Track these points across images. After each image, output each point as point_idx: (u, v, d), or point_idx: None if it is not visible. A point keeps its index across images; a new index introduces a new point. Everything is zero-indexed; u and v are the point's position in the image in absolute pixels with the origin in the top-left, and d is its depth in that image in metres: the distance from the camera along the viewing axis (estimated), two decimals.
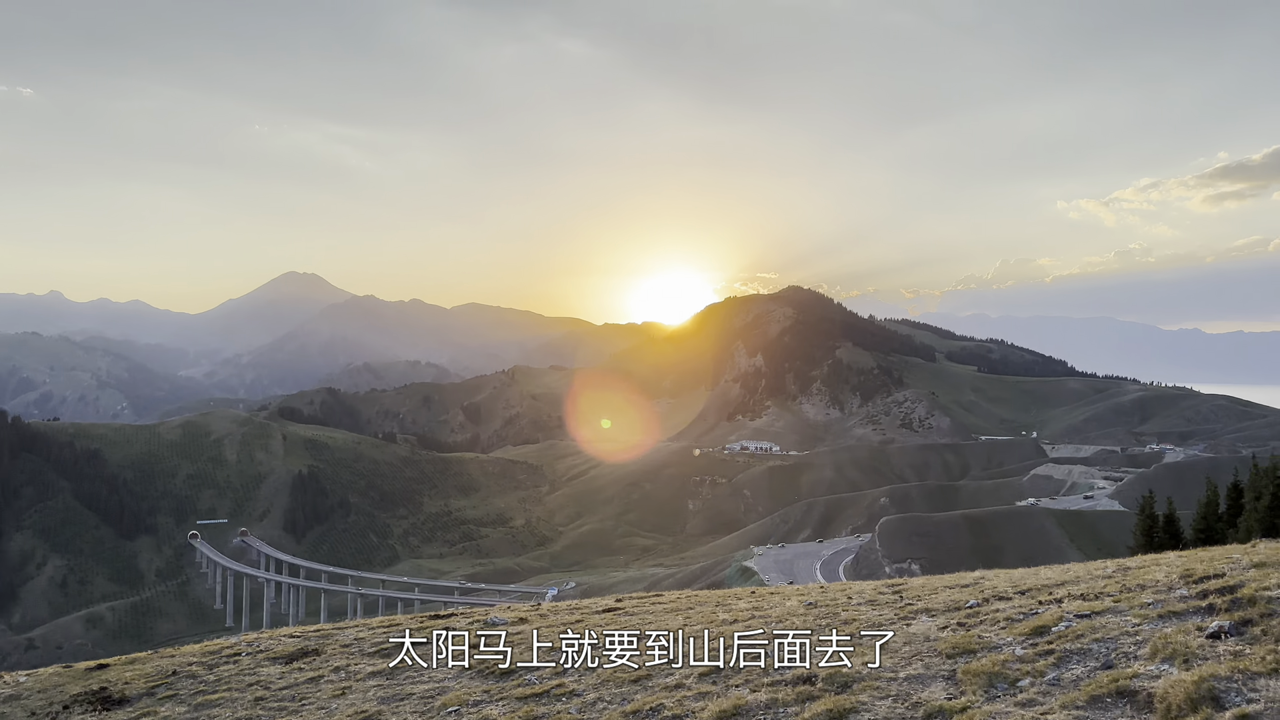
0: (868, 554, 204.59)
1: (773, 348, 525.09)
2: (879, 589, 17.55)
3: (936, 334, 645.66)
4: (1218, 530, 73.95)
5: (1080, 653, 8.42)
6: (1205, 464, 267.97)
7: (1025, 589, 13.14)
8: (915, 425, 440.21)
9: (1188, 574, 10.99)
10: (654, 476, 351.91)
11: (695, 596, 21.79)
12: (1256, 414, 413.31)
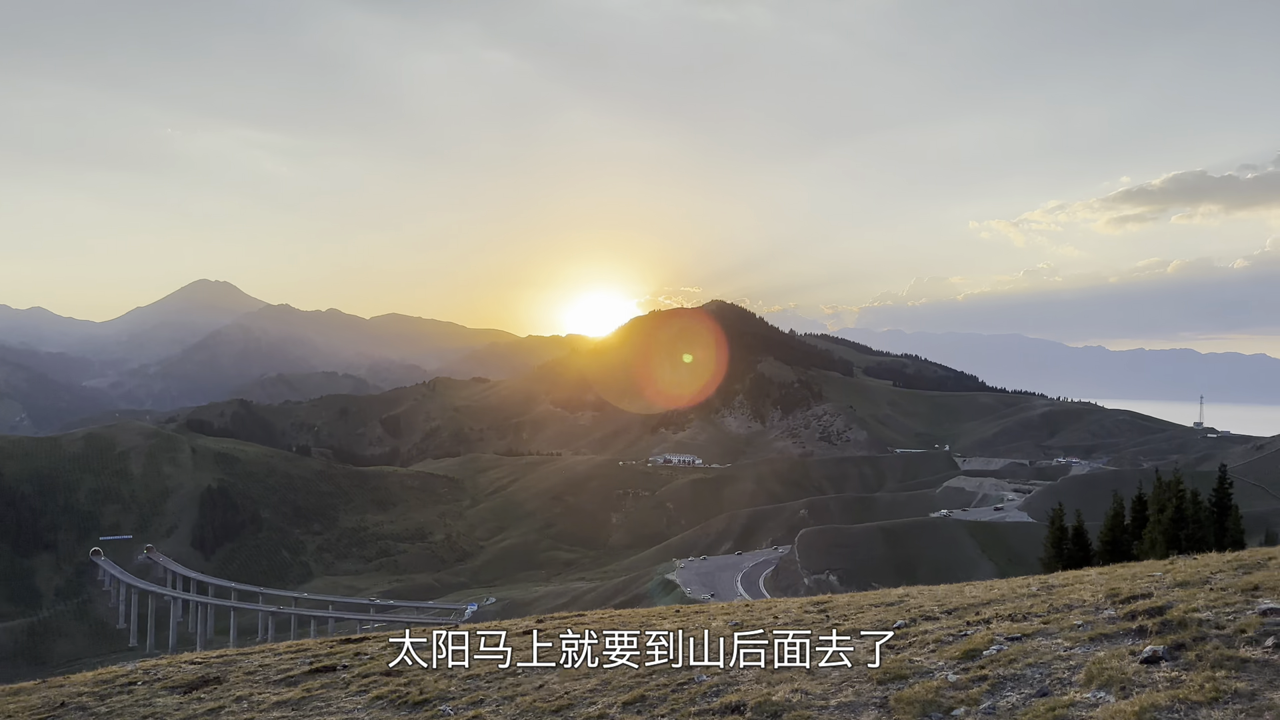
0: (787, 565, 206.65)
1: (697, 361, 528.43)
2: (805, 607, 17.32)
3: (855, 349, 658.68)
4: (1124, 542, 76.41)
5: (1014, 679, 8.22)
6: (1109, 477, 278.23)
7: (952, 608, 13.02)
8: (834, 438, 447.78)
9: (1113, 593, 10.95)
10: (577, 489, 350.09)
11: (619, 616, 21.31)
12: (1156, 428, 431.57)
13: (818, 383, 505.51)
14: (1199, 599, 9.27)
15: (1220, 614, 8.40)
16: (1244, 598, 8.84)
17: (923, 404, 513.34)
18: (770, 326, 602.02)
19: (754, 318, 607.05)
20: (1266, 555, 11.53)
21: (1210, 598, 9.18)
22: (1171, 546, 63.67)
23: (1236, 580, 9.97)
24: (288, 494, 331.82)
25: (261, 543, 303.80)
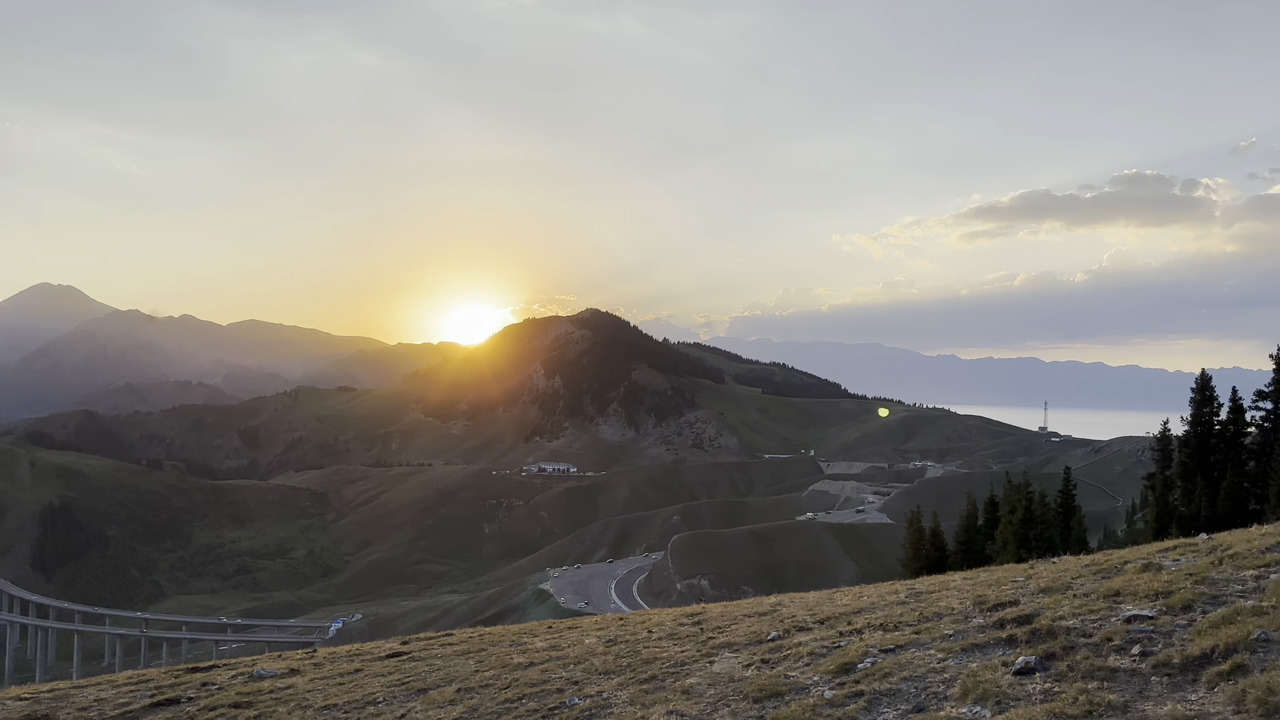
0: (660, 571, 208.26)
1: (571, 369, 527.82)
2: (679, 620, 17.07)
3: (726, 357, 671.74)
4: (977, 542, 79.89)
5: (890, 694, 8.07)
6: (962, 479, 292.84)
7: (824, 618, 12.96)
8: (706, 445, 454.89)
9: (981, 601, 11.06)
10: (449, 500, 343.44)
11: (489, 635, 20.57)
12: (1005, 433, 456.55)
13: (690, 390, 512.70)
14: (1064, 606, 9.39)
15: (1086, 622, 8.50)
16: (1107, 604, 9.00)
17: (790, 411, 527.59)
18: (644, 335, 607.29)
19: (628, 326, 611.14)
20: (1121, 559, 11.91)
21: (1075, 605, 9.32)
22: (1021, 546, 66.91)
23: (1097, 586, 10.19)
24: (137, 510, 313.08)
25: (108, 562, 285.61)
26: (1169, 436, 78.32)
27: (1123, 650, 7.43)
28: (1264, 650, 6.38)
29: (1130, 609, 8.53)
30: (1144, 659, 7.05)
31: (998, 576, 13.97)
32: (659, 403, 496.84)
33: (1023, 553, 64.11)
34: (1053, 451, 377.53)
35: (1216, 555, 10.13)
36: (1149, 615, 8.11)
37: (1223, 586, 8.51)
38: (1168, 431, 78.61)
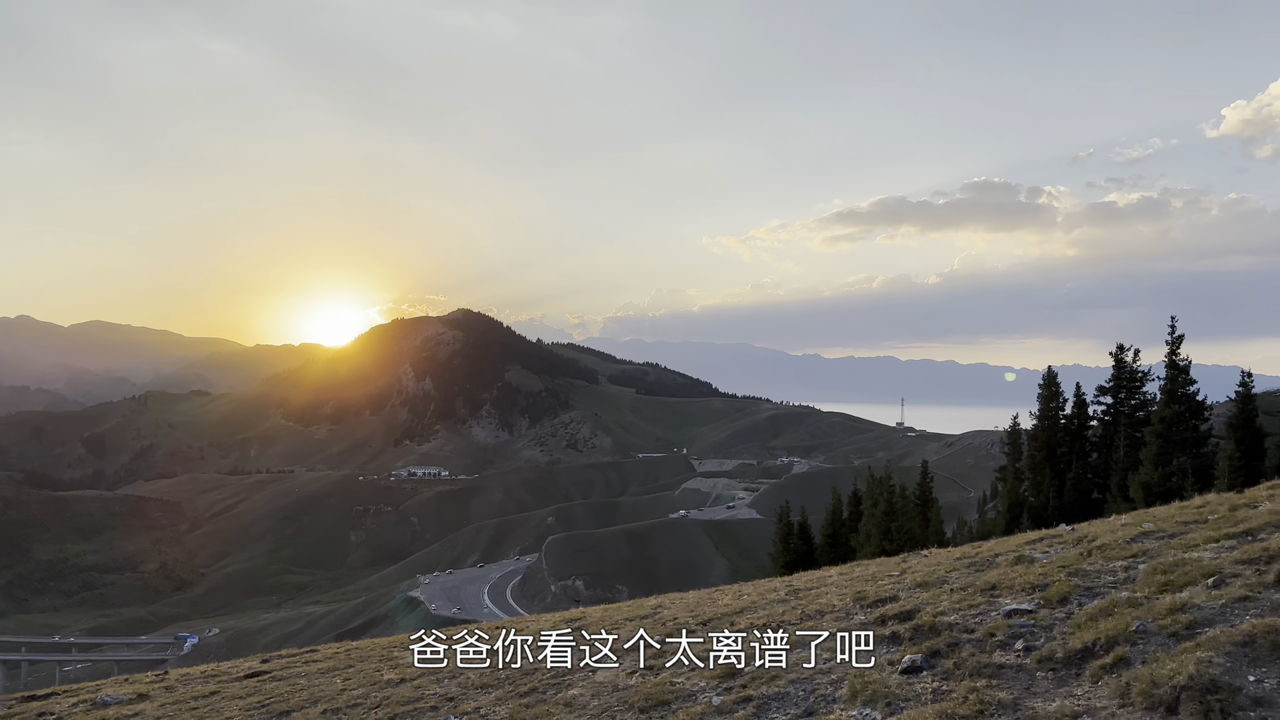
0: (535, 574, 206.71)
1: (442, 371, 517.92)
2: (558, 626, 16.63)
3: (599, 358, 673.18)
4: (843, 535, 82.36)
5: (779, 698, 7.91)
6: (826, 474, 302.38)
7: (707, 619, 12.80)
8: (580, 445, 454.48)
9: (860, 597, 11.09)
10: (313, 508, 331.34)
11: (357, 650, 19.61)
12: (866, 429, 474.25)
13: (565, 391, 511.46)
14: (944, 601, 9.47)
15: (967, 617, 8.56)
16: (986, 599, 9.11)
17: (662, 410, 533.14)
18: (517, 336, 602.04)
19: (501, 327, 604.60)
20: (992, 552, 12.19)
21: (954, 600, 9.40)
22: (884, 538, 69.18)
23: (973, 580, 10.34)
24: None
25: None
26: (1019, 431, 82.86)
27: (1006, 646, 7.47)
28: (1143, 642, 6.48)
29: (1009, 603, 8.64)
30: (1028, 654, 7.09)
31: (872, 571, 14.14)
32: (533, 404, 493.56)
33: (885, 544, 66.45)
34: (909, 446, 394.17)
35: (1084, 547, 10.44)
36: (1028, 609, 8.22)
37: (1095, 578, 8.72)
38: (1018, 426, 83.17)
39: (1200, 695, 5.34)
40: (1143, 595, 7.51)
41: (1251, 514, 9.42)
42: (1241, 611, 6.52)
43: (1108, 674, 6.23)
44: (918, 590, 10.66)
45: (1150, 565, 8.32)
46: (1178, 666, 5.69)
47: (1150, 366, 70.73)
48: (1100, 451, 73.63)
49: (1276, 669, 5.52)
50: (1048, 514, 68.82)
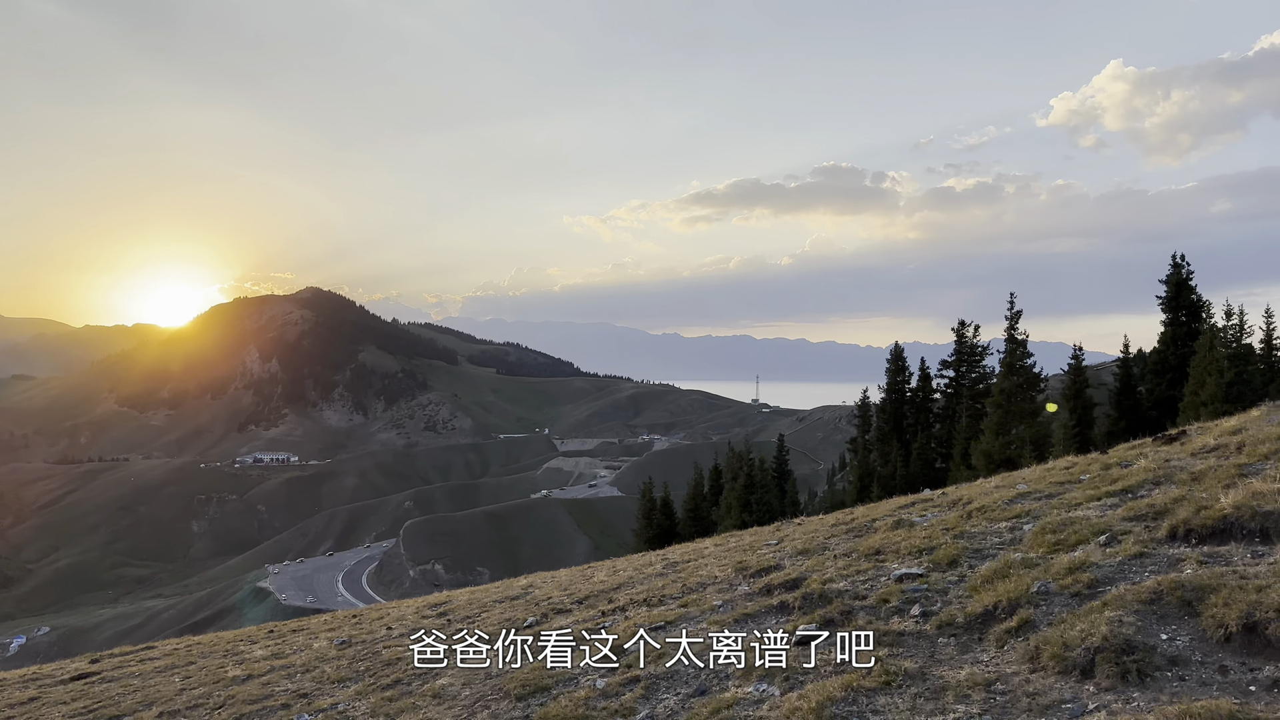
0: (392, 559, 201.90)
1: (290, 352, 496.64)
2: (422, 612, 15.71)
3: (459, 338, 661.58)
4: (704, 509, 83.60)
5: (669, 677, 7.40)
6: (686, 450, 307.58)
7: (582, 597, 12.22)
8: (439, 427, 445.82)
9: (742, 567, 10.75)
10: (151, 498, 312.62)
11: (199, 645, 18.10)
12: (723, 405, 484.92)
13: (422, 372, 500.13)
14: (829, 568, 9.19)
15: (857, 583, 8.29)
16: (872, 564, 8.87)
17: (524, 390, 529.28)
18: (372, 315, 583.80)
19: (354, 306, 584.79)
20: (869, 517, 12.09)
21: (840, 566, 9.14)
22: (744, 510, 70.49)
23: (855, 545, 10.14)
24: None
25: None
26: (868, 404, 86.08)
27: (902, 612, 7.19)
28: (1046, 603, 6.29)
29: (898, 568, 8.41)
30: (926, 620, 6.82)
31: (749, 541, 13.90)
32: (389, 385, 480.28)
33: (745, 516, 67.89)
34: (764, 421, 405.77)
35: (961, 509, 10.40)
36: (919, 573, 8.00)
37: (981, 540, 8.61)
38: (867, 400, 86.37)
39: (1115, 656, 5.12)
40: (1036, 555, 7.38)
41: (1125, 472, 9.55)
42: (1140, 569, 6.42)
43: (1013, 638, 5.99)
44: (800, 558, 10.39)
45: (1037, 525, 8.24)
46: (1088, 627, 5.48)
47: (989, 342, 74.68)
48: (943, 422, 77.31)
49: (1187, 626, 5.38)
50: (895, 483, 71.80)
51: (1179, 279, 53.75)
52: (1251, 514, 6.39)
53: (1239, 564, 5.90)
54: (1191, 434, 11.01)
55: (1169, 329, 54.30)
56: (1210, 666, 4.96)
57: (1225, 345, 42.58)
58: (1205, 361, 42.23)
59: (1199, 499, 7.21)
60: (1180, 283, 53.74)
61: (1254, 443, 8.80)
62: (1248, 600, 5.10)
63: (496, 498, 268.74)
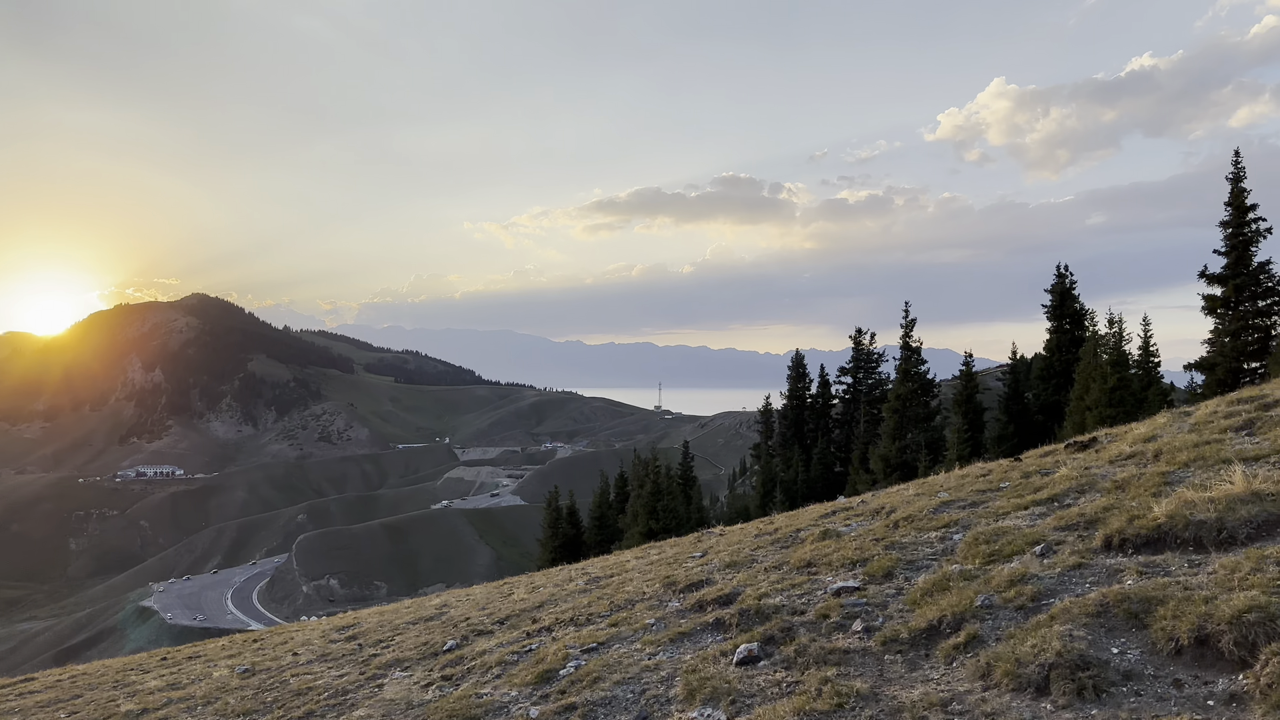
0: (284, 575, 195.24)
1: (175, 361, 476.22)
2: (329, 635, 14.99)
3: (355, 345, 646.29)
4: (610, 517, 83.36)
5: (606, 703, 7.11)
6: (589, 458, 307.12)
7: (504, 617, 11.82)
8: (334, 438, 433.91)
9: (670, 582, 10.55)
10: (24, 514, 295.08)
11: (85, 676, 16.90)
12: (627, 412, 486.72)
13: (316, 381, 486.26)
14: (762, 582, 9.06)
15: (793, 598, 8.16)
16: (806, 577, 8.77)
17: (424, 399, 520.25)
18: (262, 323, 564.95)
19: (243, 313, 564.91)
20: (793, 528, 12.04)
21: (773, 580, 9.01)
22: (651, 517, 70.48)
23: (784, 557, 10.05)
24: None
25: None
26: (771, 410, 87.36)
27: (844, 628, 7.09)
28: (991, 617, 6.26)
29: (834, 581, 8.33)
30: (870, 636, 6.73)
31: (671, 554, 13.71)
32: (280, 395, 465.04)
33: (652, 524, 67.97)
34: (666, 428, 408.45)
35: (886, 518, 10.42)
36: (856, 586, 7.92)
37: (913, 551, 8.60)
38: (770, 406, 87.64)
39: (1070, 673, 5.09)
40: (973, 567, 7.37)
41: (1047, 480, 9.70)
42: (1080, 580, 6.45)
43: (962, 654, 5.93)
44: (729, 571, 10.25)
45: (969, 535, 8.27)
46: (1040, 643, 5.45)
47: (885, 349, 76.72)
48: (842, 428, 79.10)
49: (1136, 639, 5.39)
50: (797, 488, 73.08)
51: (1063, 288, 56.20)
52: (1185, 523, 6.52)
53: (1179, 574, 5.98)
54: (1103, 441, 11.33)
55: (1054, 336, 56.73)
56: (1164, 680, 4.97)
57: (1107, 351, 44.62)
58: (1089, 367, 44.16)
59: (1130, 508, 7.34)
60: (1064, 292, 56.20)
61: (1171, 450, 9.06)
62: (1197, 613, 5.15)
63: (395, 509, 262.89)
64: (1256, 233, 37.18)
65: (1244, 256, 37.36)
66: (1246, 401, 10.58)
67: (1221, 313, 38.25)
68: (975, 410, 56.10)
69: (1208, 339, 39.13)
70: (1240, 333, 37.11)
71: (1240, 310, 37.31)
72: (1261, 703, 4.47)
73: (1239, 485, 6.75)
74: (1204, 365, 38.94)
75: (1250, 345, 37.07)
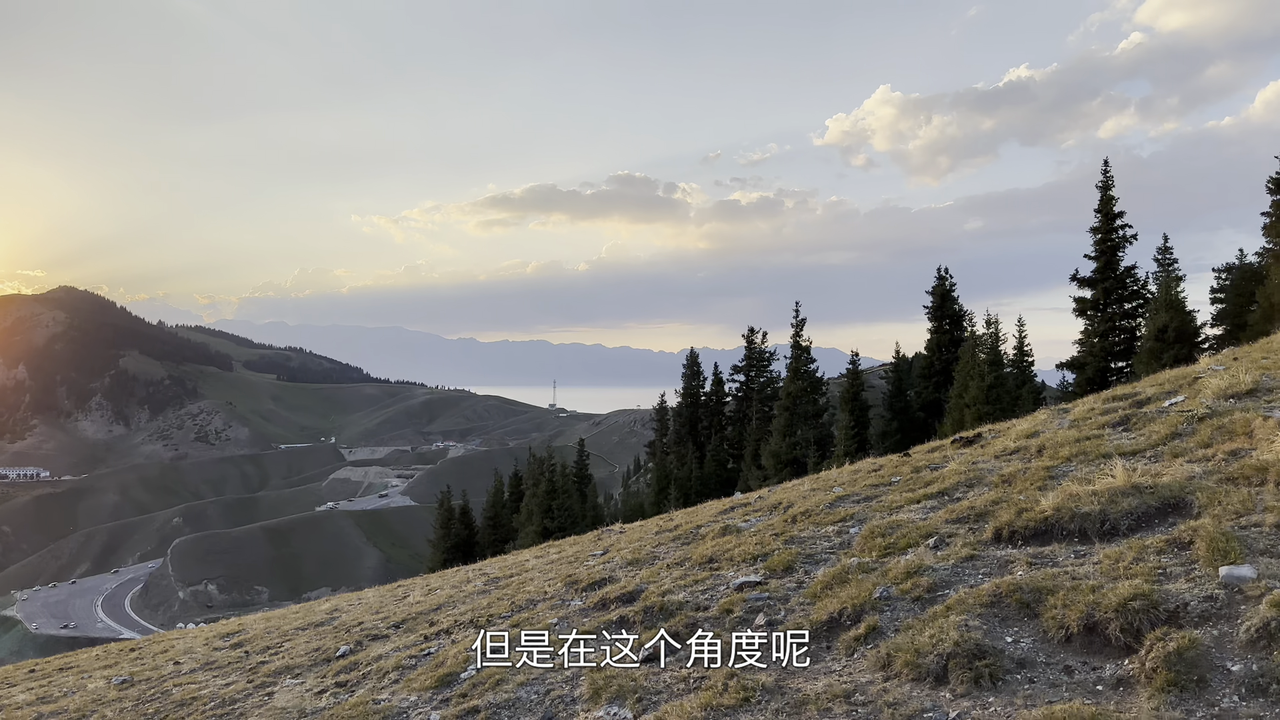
0: (159, 581, 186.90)
1: (40, 357, 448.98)
2: (213, 642, 14.35)
3: (234, 342, 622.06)
4: (504, 516, 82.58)
5: (510, 705, 6.98)
6: (482, 456, 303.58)
7: (399, 621, 11.52)
8: (212, 438, 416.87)
9: (572, 580, 10.48)
10: None
11: None
12: (520, 411, 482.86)
13: (193, 379, 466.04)
14: (665, 579, 9.08)
15: (696, 594, 8.20)
16: (709, 573, 8.83)
17: (308, 397, 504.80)
18: (135, 318, 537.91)
19: (114, 307, 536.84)
20: (693, 524, 12.12)
21: (676, 576, 9.05)
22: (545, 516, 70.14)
23: (686, 553, 10.10)
24: None
25: None
26: (666, 408, 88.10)
27: (747, 622, 7.16)
28: (890, 609, 6.41)
29: (736, 576, 8.41)
30: (773, 629, 6.81)
31: (571, 552, 13.64)
32: (155, 393, 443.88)
33: (547, 522, 67.70)
34: (561, 426, 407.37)
35: (784, 514, 10.60)
36: (758, 581, 8.02)
37: (812, 545, 8.75)
38: (664, 404, 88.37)
39: (968, 661, 5.26)
40: (870, 560, 7.55)
41: (936, 475, 10.03)
42: (973, 571, 6.68)
43: (862, 645, 6.06)
44: (632, 569, 10.24)
45: (864, 529, 8.47)
46: (938, 633, 5.61)
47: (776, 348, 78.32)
48: (735, 425, 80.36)
49: (1028, 628, 5.61)
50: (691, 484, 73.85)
51: (943, 290, 58.48)
52: (1070, 515, 6.83)
53: (1066, 564, 6.26)
54: (987, 437, 11.80)
55: (935, 336, 58.98)
56: (1055, 668, 5.19)
57: (985, 351, 46.62)
58: (968, 366, 46.06)
59: (1018, 501, 7.65)
60: (945, 293, 58.48)
61: (1053, 445, 9.50)
62: (1085, 601, 5.39)
63: (277, 512, 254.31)
64: (1123, 238, 39.44)
65: (1112, 261, 39.59)
66: (1121, 399, 11.19)
67: (1091, 314, 40.42)
68: (861, 408, 57.79)
69: (1078, 339, 41.29)
70: (1108, 333, 39.29)
71: (1108, 312, 39.50)
72: (1147, 686, 4.71)
73: (1120, 479, 7.11)
74: (1074, 365, 41.05)
75: (1117, 345, 39.29)
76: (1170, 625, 5.05)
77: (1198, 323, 36.29)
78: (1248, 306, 39.11)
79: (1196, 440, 8.16)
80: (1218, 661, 4.70)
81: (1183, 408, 9.31)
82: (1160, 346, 34.30)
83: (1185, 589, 5.35)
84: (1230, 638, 4.84)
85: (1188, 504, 6.61)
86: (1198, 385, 10.30)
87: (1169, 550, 5.97)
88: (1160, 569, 5.70)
